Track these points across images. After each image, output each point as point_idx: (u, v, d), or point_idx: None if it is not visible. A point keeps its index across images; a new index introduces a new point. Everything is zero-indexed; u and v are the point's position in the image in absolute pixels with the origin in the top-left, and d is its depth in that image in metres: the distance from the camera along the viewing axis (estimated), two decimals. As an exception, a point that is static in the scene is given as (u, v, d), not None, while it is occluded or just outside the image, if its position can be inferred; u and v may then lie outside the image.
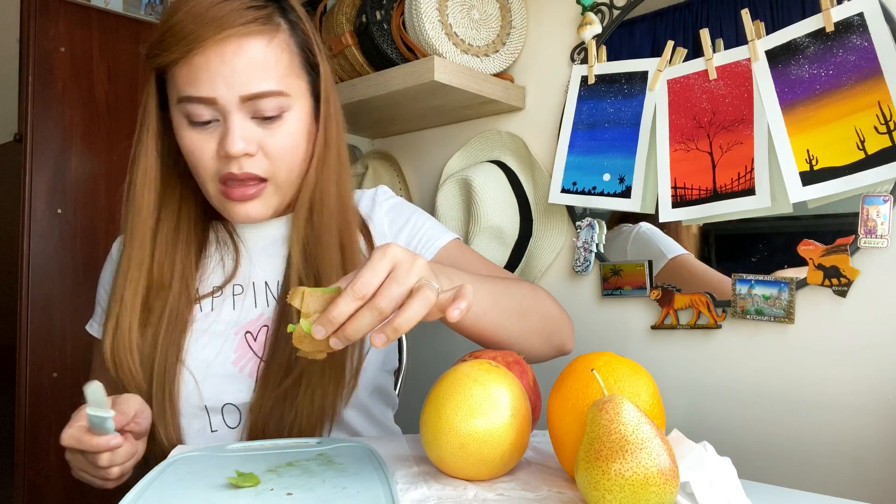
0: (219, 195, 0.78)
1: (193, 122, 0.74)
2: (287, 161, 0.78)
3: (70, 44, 1.57)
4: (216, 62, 0.71)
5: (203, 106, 0.73)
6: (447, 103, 1.24)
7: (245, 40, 0.72)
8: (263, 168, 0.76)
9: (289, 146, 0.77)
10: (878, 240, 0.83)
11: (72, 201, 1.57)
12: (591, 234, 1.12)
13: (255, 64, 0.73)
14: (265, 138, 0.75)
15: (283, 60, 0.76)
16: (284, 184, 0.79)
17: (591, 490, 0.47)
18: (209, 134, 0.75)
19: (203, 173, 0.77)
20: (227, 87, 0.72)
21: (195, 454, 0.64)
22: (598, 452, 0.47)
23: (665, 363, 1.04)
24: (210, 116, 0.74)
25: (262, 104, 0.74)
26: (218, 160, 0.75)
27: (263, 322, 0.82)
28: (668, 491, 0.46)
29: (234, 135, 0.73)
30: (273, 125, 0.76)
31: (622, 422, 0.48)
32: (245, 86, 0.72)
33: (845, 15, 0.85)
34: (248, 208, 0.78)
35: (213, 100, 0.73)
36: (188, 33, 0.71)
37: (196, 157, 0.76)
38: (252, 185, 0.76)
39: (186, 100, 0.73)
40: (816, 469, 0.89)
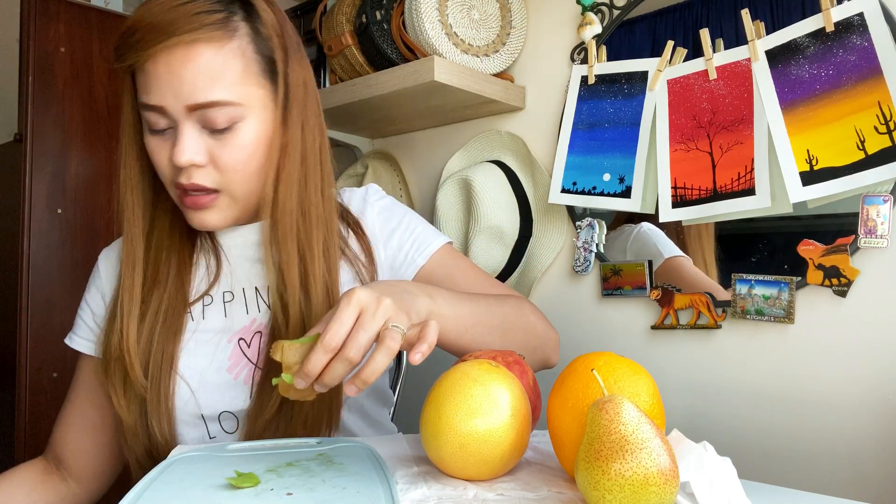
0: (179, 201, 0.76)
1: (151, 128, 0.73)
2: (240, 173, 0.74)
3: (70, 44, 1.57)
4: (164, 70, 0.69)
5: (156, 113, 0.71)
6: (447, 103, 1.24)
7: (193, 48, 0.69)
8: (213, 180, 0.74)
9: (240, 158, 0.73)
10: (878, 240, 0.83)
11: (72, 201, 1.57)
12: (591, 234, 1.13)
13: (202, 72, 0.69)
14: (216, 149, 0.72)
15: (236, 68, 0.72)
16: (241, 195, 0.76)
17: (591, 490, 0.47)
18: (165, 140, 0.73)
19: (164, 179, 0.76)
20: (174, 96, 0.70)
21: (195, 454, 0.64)
22: (598, 452, 0.47)
23: (665, 363, 1.04)
24: (165, 124, 0.72)
25: (211, 114, 0.71)
26: (173, 169, 0.73)
27: (256, 328, 0.81)
28: (668, 491, 0.46)
29: (181, 145, 0.71)
30: (224, 136, 0.72)
31: (622, 422, 0.48)
32: (191, 95, 0.69)
33: (845, 15, 0.85)
34: (203, 217, 0.76)
35: (162, 108, 0.71)
36: (138, 40, 0.69)
37: (155, 162, 0.75)
38: (203, 195, 0.74)
39: (142, 106, 0.72)
40: (816, 469, 0.89)
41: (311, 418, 0.77)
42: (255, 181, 0.76)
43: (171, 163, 0.72)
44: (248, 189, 0.76)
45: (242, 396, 0.79)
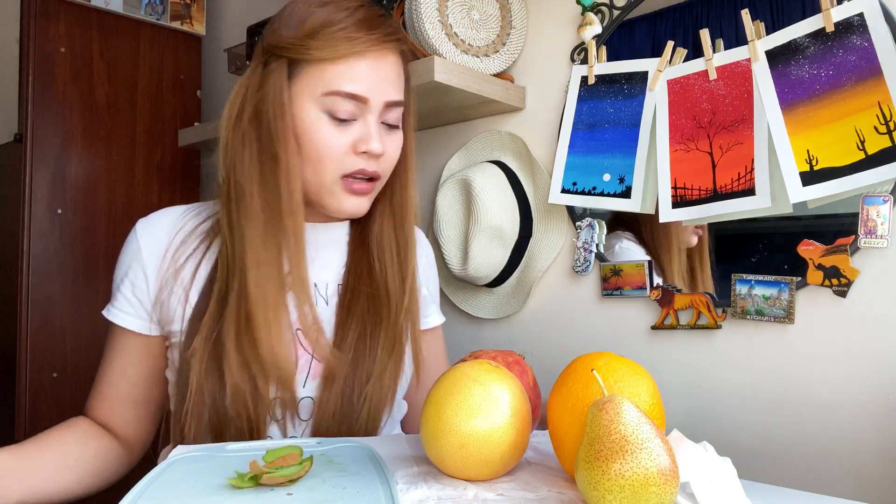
0: (336, 186, 0.81)
1: (335, 116, 0.79)
2: (392, 166, 0.86)
3: (70, 44, 1.57)
4: (372, 67, 0.79)
5: (352, 103, 0.79)
6: (447, 103, 1.24)
7: (394, 54, 0.82)
8: (381, 169, 0.83)
9: (397, 153, 0.85)
10: (878, 240, 0.84)
11: (72, 201, 1.57)
12: (591, 234, 1.13)
13: (397, 76, 0.82)
14: (387, 143, 0.83)
15: (403, 78, 0.85)
16: (382, 184, 0.87)
17: (591, 490, 0.47)
18: (346, 130, 0.80)
19: (327, 165, 0.80)
20: (379, 91, 0.79)
21: (195, 454, 0.64)
22: (598, 452, 0.47)
23: (665, 363, 1.04)
24: (351, 115, 0.79)
25: (392, 112, 0.82)
26: (350, 156, 0.80)
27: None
28: (668, 491, 0.46)
29: (375, 135, 0.80)
30: (393, 132, 0.84)
31: (622, 422, 0.48)
32: (389, 93, 0.81)
33: (845, 15, 0.85)
34: (360, 202, 0.83)
35: (367, 100, 0.79)
36: (359, 36, 0.77)
37: (328, 149, 0.79)
38: (369, 183, 0.83)
39: (339, 94, 0.78)
40: (816, 469, 0.89)
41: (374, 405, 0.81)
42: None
43: (354, 151, 0.80)
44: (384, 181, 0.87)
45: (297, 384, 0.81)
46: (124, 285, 0.85)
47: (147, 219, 0.88)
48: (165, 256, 0.83)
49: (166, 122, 1.74)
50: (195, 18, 1.79)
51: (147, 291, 0.83)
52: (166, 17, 1.73)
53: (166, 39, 1.75)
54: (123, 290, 0.85)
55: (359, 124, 0.80)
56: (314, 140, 0.79)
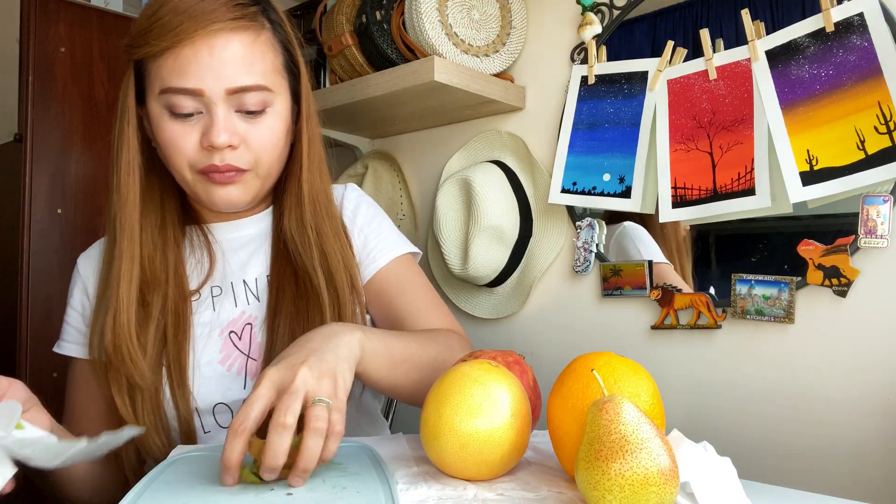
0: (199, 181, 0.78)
1: (175, 113, 0.75)
2: (268, 154, 0.79)
3: (70, 44, 1.57)
4: (205, 54, 0.73)
5: (188, 97, 0.74)
6: (447, 103, 1.24)
7: (233, 35, 0.74)
8: (245, 160, 0.78)
9: (271, 139, 0.79)
10: (878, 240, 0.83)
11: (72, 201, 1.57)
12: (591, 234, 1.12)
13: (242, 58, 0.75)
14: (248, 132, 0.77)
15: (269, 57, 0.78)
16: (265, 175, 0.81)
17: (591, 490, 0.47)
18: (191, 126, 0.76)
19: (181, 163, 0.77)
20: (215, 79, 0.73)
21: (195, 454, 0.64)
22: (598, 452, 0.47)
23: (665, 363, 1.04)
24: (193, 108, 0.75)
25: (246, 98, 0.75)
26: (199, 151, 0.76)
27: (246, 321, 0.83)
28: (668, 491, 0.46)
29: (218, 127, 0.74)
30: (256, 119, 0.77)
31: (622, 422, 0.48)
32: (232, 79, 0.74)
33: (845, 15, 0.85)
34: (229, 192, 0.79)
35: (200, 91, 0.73)
36: (177, 24, 0.71)
37: (177, 148, 0.76)
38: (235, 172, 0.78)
39: (171, 90, 0.74)
40: (816, 469, 0.89)
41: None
42: (277, 165, 0.82)
43: (201, 146, 0.75)
44: (271, 171, 0.81)
45: (236, 387, 0.80)
46: (72, 317, 0.87)
47: (87, 252, 0.91)
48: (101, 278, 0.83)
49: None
50: (195, 18, 1.79)
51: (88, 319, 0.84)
52: (166, 17, 1.73)
53: (166, 39, 1.75)
54: (71, 322, 0.87)
55: (204, 117, 0.75)
56: (161, 139, 0.77)
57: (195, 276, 0.85)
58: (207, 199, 0.79)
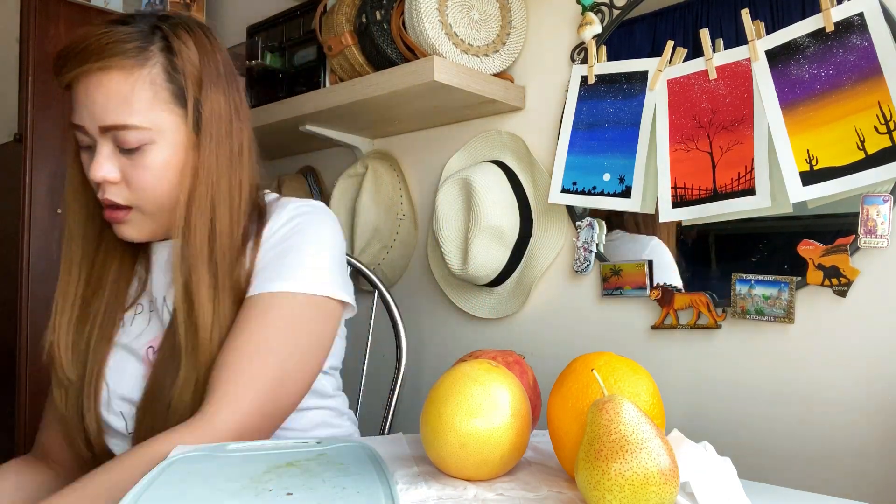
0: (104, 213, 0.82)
1: (79, 145, 0.81)
2: (149, 192, 0.79)
3: (70, 44, 1.57)
4: (82, 93, 0.76)
5: (80, 132, 0.78)
6: (447, 103, 1.24)
7: (104, 74, 0.75)
8: (125, 197, 0.79)
9: (150, 178, 0.78)
10: (878, 240, 0.83)
11: (72, 201, 1.56)
12: (591, 234, 1.13)
13: (112, 97, 0.75)
14: (128, 169, 0.78)
15: (145, 95, 0.76)
16: (152, 212, 0.81)
17: (591, 490, 0.47)
18: (89, 157, 0.79)
19: (90, 193, 0.84)
20: (90, 117, 0.76)
21: (195, 454, 0.64)
22: (598, 452, 0.47)
23: (665, 363, 1.04)
24: (87, 142, 0.79)
25: (121, 136, 0.76)
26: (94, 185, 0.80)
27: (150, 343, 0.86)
28: (668, 491, 0.46)
29: (96, 163, 0.77)
30: (135, 157, 0.77)
31: (622, 422, 0.48)
32: (102, 117, 0.76)
33: (845, 15, 0.85)
34: (122, 230, 0.82)
35: (83, 128, 0.77)
36: (63, 64, 0.76)
37: (87, 176, 0.81)
38: (118, 211, 0.80)
39: (71, 125, 0.79)
40: (816, 469, 0.89)
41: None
42: (165, 200, 0.80)
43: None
44: (158, 207, 0.80)
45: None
46: None
47: None
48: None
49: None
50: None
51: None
52: (166, 17, 1.73)
53: (166, 39, 1.75)
54: None
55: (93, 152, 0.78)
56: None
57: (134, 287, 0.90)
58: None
